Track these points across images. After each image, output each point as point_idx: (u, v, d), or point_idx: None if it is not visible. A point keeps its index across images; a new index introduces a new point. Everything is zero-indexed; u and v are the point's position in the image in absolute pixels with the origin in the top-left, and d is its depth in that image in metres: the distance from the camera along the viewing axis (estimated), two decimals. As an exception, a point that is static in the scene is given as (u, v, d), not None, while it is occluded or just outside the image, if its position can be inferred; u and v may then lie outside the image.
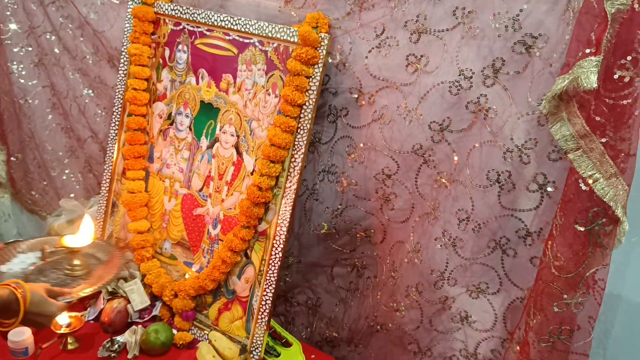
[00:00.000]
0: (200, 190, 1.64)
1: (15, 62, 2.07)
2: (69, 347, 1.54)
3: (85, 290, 1.35)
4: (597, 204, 1.16)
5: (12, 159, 2.28)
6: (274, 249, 1.50)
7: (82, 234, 1.47)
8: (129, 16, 1.69)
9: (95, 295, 1.71)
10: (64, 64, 2.00)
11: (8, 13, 2.03)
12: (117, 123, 1.74)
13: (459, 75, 1.31)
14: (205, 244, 1.64)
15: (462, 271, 1.43)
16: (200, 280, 1.58)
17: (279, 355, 1.57)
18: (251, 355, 1.53)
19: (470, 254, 1.41)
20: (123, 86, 1.73)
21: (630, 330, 1.43)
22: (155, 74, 1.70)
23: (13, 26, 2.04)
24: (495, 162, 1.32)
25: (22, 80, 2.09)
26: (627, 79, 1.08)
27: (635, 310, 1.42)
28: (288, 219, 1.48)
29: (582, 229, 1.18)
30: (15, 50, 2.06)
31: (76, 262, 1.43)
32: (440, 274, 1.46)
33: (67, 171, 2.17)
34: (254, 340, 1.54)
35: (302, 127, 1.45)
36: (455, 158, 1.37)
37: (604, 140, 1.13)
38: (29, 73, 2.08)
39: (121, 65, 1.73)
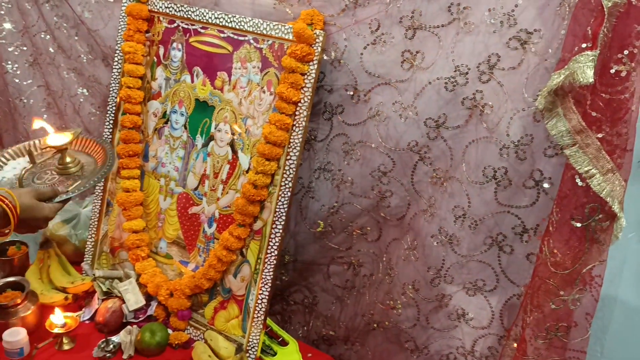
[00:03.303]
0: (196, 188, 1.64)
1: (10, 62, 2.06)
2: (65, 347, 1.53)
3: (79, 186, 1.30)
4: (594, 199, 1.15)
5: (7, 159, 2.27)
6: (269, 247, 1.49)
7: (52, 136, 1.36)
8: (123, 14, 1.68)
9: (90, 295, 1.70)
10: (58, 63, 1.99)
11: (2, 12, 2.01)
12: (111, 122, 1.74)
13: (455, 71, 1.30)
14: (200, 242, 1.63)
15: (458, 268, 1.43)
16: (196, 279, 1.58)
17: (275, 354, 1.56)
18: (247, 355, 1.52)
19: (467, 251, 1.40)
20: (117, 84, 1.72)
21: (628, 327, 1.43)
22: (149, 72, 1.69)
23: (7, 25, 2.03)
24: (491, 158, 1.32)
25: (17, 80, 2.08)
26: (623, 74, 1.08)
27: (633, 306, 1.42)
28: (284, 217, 1.47)
29: (578, 225, 1.18)
30: (10, 49, 2.05)
31: (68, 159, 1.36)
32: (437, 271, 1.45)
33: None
34: (250, 339, 1.53)
35: (297, 125, 1.45)
36: (451, 155, 1.37)
37: (600, 135, 1.12)
38: (23, 72, 2.07)
39: (115, 63, 1.73)
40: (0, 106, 2.16)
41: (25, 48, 2.05)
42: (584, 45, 1.08)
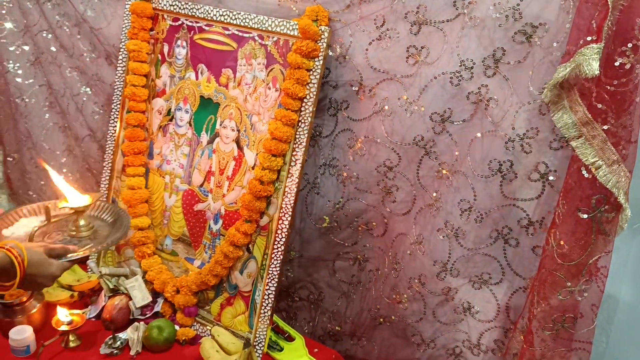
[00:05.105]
0: (201, 185, 1.64)
1: (11, 61, 2.05)
2: (71, 344, 1.53)
3: (91, 248, 1.31)
4: (600, 191, 1.17)
5: (8, 159, 2.26)
6: (276, 243, 1.50)
7: (71, 196, 1.40)
8: (127, 12, 1.68)
9: (96, 293, 1.70)
10: (60, 62, 1.99)
11: (3, 12, 2.01)
12: (116, 120, 1.74)
13: (460, 65, 1.31)
14: (206, 239, 1.64)
15: (464, 262, 1.44)
16: (202, 275, 1.58)
17: (282, 349, 1.57)
18: (254, 350, 1.53)
19: (473, 244, 1.42)
20: (122, 83, 1.72)
21: (634, 318, 1.44)
22: (154, 70, 1.70)
23: (9, 25, 2.02)
24: (496, 152, 1.33)
25: (18, 80, 2.07)
26: (628, 66, 1.09)
27: (638, 297, 1.43)
28: (290, 213, 1.48)
29: (585, 216, 1.19)
30: (11, 49, 2.04)
31: (81, 222, 1.38)
32: (443, 265, 1.46)
33: (64, 170, 2.15)
34: (257, 335, 1.53)
35: (303, 121, 1.45)
36: (457, 149, 1.38)
37: (605, 127, 1.14)
38: (25, 72, 2.07)
39: (119, 61, 1.73)
40: (1, 106, 2.16)
41: (26, 47, 2.04)
42: (589, 39, 1.10)
